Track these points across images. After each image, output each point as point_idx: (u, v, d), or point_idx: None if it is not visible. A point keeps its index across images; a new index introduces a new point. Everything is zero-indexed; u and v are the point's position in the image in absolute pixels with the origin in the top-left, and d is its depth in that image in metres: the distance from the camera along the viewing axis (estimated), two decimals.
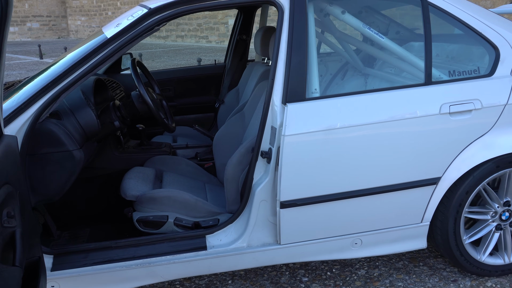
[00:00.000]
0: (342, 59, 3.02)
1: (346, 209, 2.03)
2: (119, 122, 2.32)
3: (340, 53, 2.89)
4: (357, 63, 2.77)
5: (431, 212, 2.13)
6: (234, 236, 2.08)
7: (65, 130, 1.96)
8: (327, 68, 3.10)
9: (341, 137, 1.94)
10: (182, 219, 2.16)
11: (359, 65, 2.78)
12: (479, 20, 2.11)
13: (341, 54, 2.88)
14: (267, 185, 2.01)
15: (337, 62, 3.09)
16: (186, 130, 3.45)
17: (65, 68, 1.86)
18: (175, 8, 1.96)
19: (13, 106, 1.82)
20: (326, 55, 3.27)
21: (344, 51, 2.79)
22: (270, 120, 2.00)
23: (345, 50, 2.78)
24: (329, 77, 3.03)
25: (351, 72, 2.89)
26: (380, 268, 2.41)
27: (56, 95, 1.85)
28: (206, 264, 2.06)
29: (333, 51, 3.04)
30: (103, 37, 1.96)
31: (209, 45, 18.28)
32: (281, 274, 2.39)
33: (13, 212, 1.34)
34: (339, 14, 2.16)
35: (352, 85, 2.78)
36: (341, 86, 2.88)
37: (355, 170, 1.97)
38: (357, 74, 2.81)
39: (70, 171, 1.97)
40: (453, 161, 2.05)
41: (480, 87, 2.04)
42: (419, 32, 2.83)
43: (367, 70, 2.74)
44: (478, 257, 2.23)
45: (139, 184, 2.30)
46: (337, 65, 3.05)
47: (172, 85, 3.61)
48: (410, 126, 1.98)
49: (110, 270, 1.98)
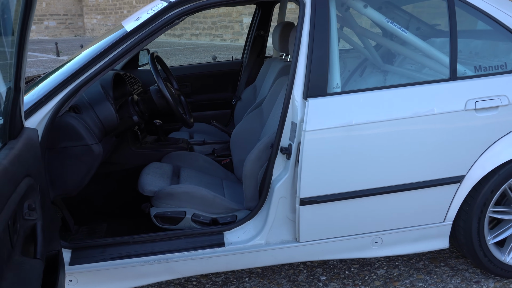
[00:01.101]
0: (360, 55, 2.97)
1: (367, 207, 1.99)
2: (137, 117, 2.31)
3: (359, 49, 2.84)
4: (376, 59, 2.72)
5: (454, 211, 2.08)
6: (252, 233, 2.05)
7: (84, 124, 1.96)
8: (345, 64, 3.05)
9: (363, 133, 1.89)
10: (200, 215, 2.14)
11: (379, 61, 2.73)
12: (506, 13, 2.05)
13: (360, 50, 2.83)
14: (287, 182, 1.98)
15: (355, 58, 3.05)
16: (203, 127, 3.43)
17: (84, 62, 1.85)
18: (195, 2, 1.93)
19: (34, 99, 1.81)
20: (345, 52, 3.23)
21: (363, 47, 2.74)
22: (291, 116, 1.97)
23: (365, 46, 2.73)
24: (347, 74, 2.99)
25: (369, 69, 2.84)
26: (400, 268, 2.36)
27: (75, 89, 1.84)
28: (224, 261, 2.03)
29: (352, 47, 3.00)
30: (123, 30, 1.95)
31: (223, 43, 18.29)
32: (298, 273, 2.36)
33: (34, 204, 1.33)
34: (361, 8, 2.11)
35: (371, 82, 2.73)
36: (360, 83, 2.83)
37: (377, 167, 1.93)
38: (376, 71, 2.76)
39: (89, 165, 1.97)
40: (478, 159, 2.00)
41: (507, 83, 1.98)
42: (440, 28, 2.77)
43: (386, 67, 2.69)
44: (502, 258, 2.17)
45: (157, 179, 2.28)
46: (356, 62, 3.00)
47: (190, 81, 3.60)
48: (434, 123, 1.93)
49: (127, 266, 1.97)
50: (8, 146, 1.37)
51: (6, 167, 1.19)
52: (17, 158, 1.31)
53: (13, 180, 1.20)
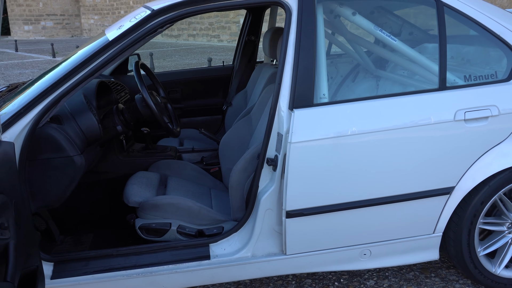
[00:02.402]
0: (353, 60, 2.93)
1: (355, 219, 1.95)
2: (122, 126, 2.27)
3: (351, 55, 2.81)
4: (368, 65, 2.69)
5: (444, 222, 2.04)
6: (238, 245, 2.01)
7: (65, 135, 1.92)
8: (338, 70, 3.02)
9: (350, 144, 1.86)
10: (186, 227, 2.10)
11: (371, 67, 2.70)
12: (497, 22, 2.01)
13: (352, 55, 2.80)
14: (273, 194, 1.94)
15: (348, 63, 3.01)
16: (193, 133, 3.39)
17: (65, 72, 1.81)
18: (179, 10, 1.90)
19: (13, 110, 1.77)
20: (337, 57, 3.19)
21: (355, 53, 2.71)
22: (277, 126, 1.93)
23: (357, 52, 2.70)
24: (339, 79, 2.95)
25: (362, 74, 2.81)
26: (390, 278, 2.32)
27: (56, 99, 1.80)
28: (209, 274, 2.00)
29: (344, 52, 2.96)
30: (105, 39, 1.91)
31: (220, 44, 18.25)
32: (287, 284, 2.32)
33: (6, 223, 1.29)
34: (349, 16, 2.08)
35: (363, 87, 2.69)
36: (352, 88, 2.80)
37: (365, 179, 1.89)
38: (369, 76, 2.72)
39: (71, 177, 1.93)
40: (468, 170, 1.96)
41: (497, 93, 1.95)
42: (433, 33, 2.74)
43: (379, 72, 2.65)
44: (493, 269, 2.13)
45: (142, 189, 2.24)
46: (348, 67, 2.97)
47: (180, 87, 3.56)
48: (423, 134, 1.89)
49: (111, 279, 1.93)
50: None
51: None
52: None
53: None
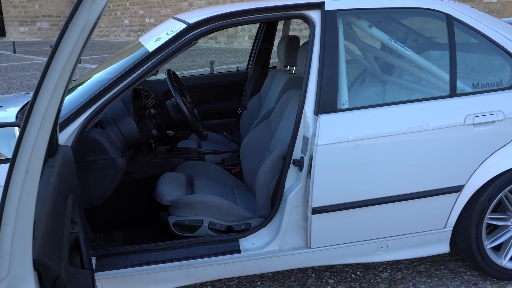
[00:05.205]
0: (360, 66, 3.11)
1: (374, 215, 2.13)
2: (156, 130, 2.43)
3: (360, 61, 2.98)
4: (376, 70, 2.87)
5: (454, 218, 2.23)
6: (266, 239, 2.18)
7: (108, 139, 2.08)
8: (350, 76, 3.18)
9: (369, 146, 2.04)
10: (216, 223, 2.26)
11: (378, 72, 2.88)
12: (501, 34, 2.20)
13: (360, 61, 2.97)
14: (299, 192, 2.11)
15: (355, 69, 3.18)
16: (210, 135, 3.55)
17: (110, 81, 1.97)
18: (212, 24, 2.07)
19: (62, 116, 1.93)
20: (346, 62, 3.35)
21: (364, 59, 2.88)
22: (302, 130, 2.10)
23: (365, 58, 2.87)
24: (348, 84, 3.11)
25: (369, 79, 2.98)
26: (402, 271, 2.50)
27: (101, 107, 1.96)
28: (240, 267, 2.16)
29: (352, 58, 3.13)
30: (145, 51, 2.07)
31: (218, 46, 18.39)
32: (307, 276, 2.49)
33: (76, 218, 1.45)
34: (366, 28, 2.26)
35: (370, 91, 2.87)
36: (360, 93, 2.97)
37: (383, 178, 2.07)
38: (376, 81, 2.90)
39: (113, 177, 2.09)
40: (477, 169, 2.15)
41: (502, 99, 2.14)
42: (437, 40, 2.92)
43: (385, 78, 2.83)
44: (499, 261, 2.32)
45: (173, 189, 2.40)
46: (356, 72, 3.14)
47: (196, 91, 3.72)
48: (435, 137, 2.08)
49: (149, 272, 2.09)
50: (49, 164, 1.49)
51: (56, 185, 1.31)
52: (60, 176, 1.43)
53: (63, 197, 1.32)
